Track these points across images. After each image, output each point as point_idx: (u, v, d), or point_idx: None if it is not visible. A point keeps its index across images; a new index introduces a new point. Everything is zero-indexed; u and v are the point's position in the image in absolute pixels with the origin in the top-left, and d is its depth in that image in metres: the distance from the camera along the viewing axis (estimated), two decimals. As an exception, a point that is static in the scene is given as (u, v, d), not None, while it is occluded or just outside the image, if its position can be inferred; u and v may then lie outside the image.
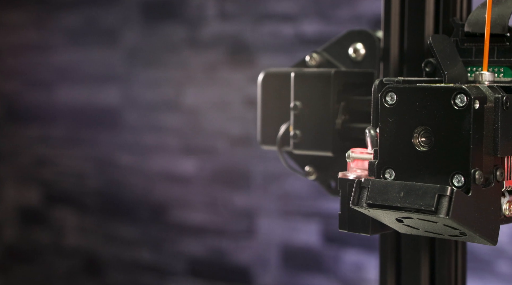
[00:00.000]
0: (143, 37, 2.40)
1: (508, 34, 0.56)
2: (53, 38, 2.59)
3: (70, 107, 2.57)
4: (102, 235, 2.52)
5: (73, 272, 2.60)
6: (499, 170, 0.52)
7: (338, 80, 0.64)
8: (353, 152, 0.56)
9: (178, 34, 2.31)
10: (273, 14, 2.13)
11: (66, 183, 2.59)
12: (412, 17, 0.66)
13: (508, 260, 1.78)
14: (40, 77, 2.64)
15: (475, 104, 0.50)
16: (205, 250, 2.33)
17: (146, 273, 2.45)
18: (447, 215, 0.49)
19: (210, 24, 2.26)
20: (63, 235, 2.62)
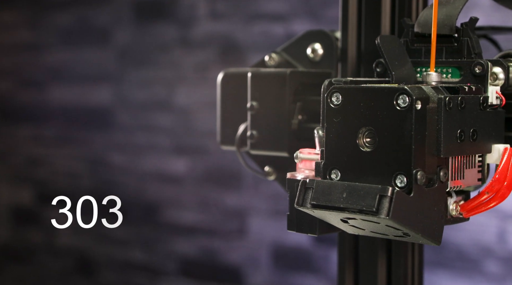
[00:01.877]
0: (134, 36, 2.40)
1: (456, 35, 0.56)
2: (45, 38, 2.60)
3: (63, 107, 2.58)
4: (94, 235, 2.52)
5: (65, 272, 2.60)
6: (443, 170, 0.52)
7: (293, 80, 0.64)
8: (301, 152, 0.56)
9: (170, 34, 2.32)
10: (264, 14, 2.13)
11: (59, 183, 2.59)
12: (368, 18, 0.66)
13: (497, 259, 1.78)
14: (33, 77, 2.64)
15: (417, 104, 0.50)
16: (196, 250, 2.33)
17: (138, 273, 2.45)
18: (387, 216, 0.49)
19: (201, 24, 2.26)
20: (56, 235, 2.62)
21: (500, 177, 0.53)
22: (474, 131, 0.53)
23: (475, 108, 0.53)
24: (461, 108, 0.52)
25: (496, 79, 0.55)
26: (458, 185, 0.54)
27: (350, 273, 0.67)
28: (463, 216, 0.55)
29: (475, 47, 0.55)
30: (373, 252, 0.66)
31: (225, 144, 0.69)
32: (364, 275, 0.66)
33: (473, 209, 0.54)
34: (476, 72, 0.55)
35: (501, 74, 0.55)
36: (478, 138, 0.54)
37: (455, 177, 0.53)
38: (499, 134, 0.55)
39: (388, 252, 0.66)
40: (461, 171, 0.54)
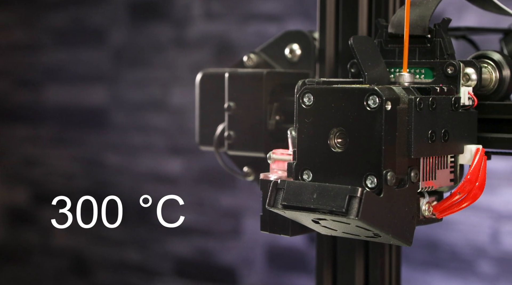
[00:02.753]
0: (129, 37, 2.40)
1: (429, 36, 0.56)
2: (40, 38, 2.60)
3: (58, 107, 2.58)
4: (89, 235, 2.52)
5: (61, 272, 2.60)
6: (414, 171, 0.52)
7: (270, 81, 0.64)
8: (274, 153, 0.56)
9: (165, 34, 2.32)
10: (259, 14, 2.13)
11: (54, 183, 2.59)
12: (346, 18, 0.66)
13: (490, 260, 1.78)
14: (28, 77, 2.64)
15: (387, 105, 0.50)
16: (191, 250, 2.33)
17: (133, 273, 2.45)
18: (356, 216, 0.49)
19: (196, 24, 2.26)
20: (51, 235, 2.62)
21: (471, 178, 0.53)
22: (446, 132, 0.53)
23: (447, 108, 0.53)
24: (432, 108, 0.52)
25: (468, 80, 0.55)
26: (430, 185, 0.54)
27: (328, 273, 0.67)
28: (435, 217, 0.55)
29: (448, 48, 0.55)
30: (351, 252, 0.66)
31: (204, 144, 0.70)
32: (342, 275, 0.66)
33: (445, 209, 0.54)
34: (448, 72, 0.55)
35: (474, 75, 0.55)
36: (450, 139, 0.54)
37: (427, 177, 0.53)
38: (471, 134, 0.55)
39: (365, 252, 0.66)
40: (433, 171, 0.54)
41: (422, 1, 0.56)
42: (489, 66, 0.56)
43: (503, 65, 0.56)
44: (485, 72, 0.56)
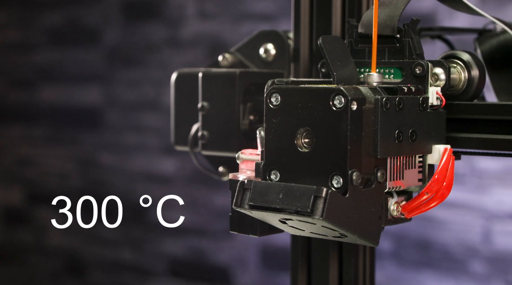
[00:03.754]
0: (123, 37, 2.40)
1: (398, 35, 0.56)
2: (35, 38, 2.60)
3: (52, 107, 2.58)
4: (84, 235, 2.52)
5: (55, 272, 2.60)
6: (380, 171, 0.52)
7: (243, 81, 0.64)
8: (243, 153, 0.56)
9: (158, 34, 2.32)
10: (252, 14, 2.13)
11: (49, 183, 2.59)
12: (320, 18, 0.66)
13: (482, 259, 1.78)
14: (22, 77, 2.64)
15: (353, 105, 0.50)
16: (185, 250, 2.33)
17: (127, 273, 2.45)
18: (321, 217, 0.49)
19: (190, 24, 2.26)
20: (46, 235, 2.62)
21: (439, 178, 0.53)
22: (413, 132, 0.53)
23: (414, 108, 0.53)
24: (399, 108, 0.52)
25: (437, 80, 0.55)
26: (398, 185, 0.54)
27: (303, 273, 0.67)
28: (404, 217, 0.55)
29: (417, 48, 0.55)
30: (325, 252, 0.66)
31: (179, 144, 0.69)
32: (316, 274, 0.66)
33: (414, 209, 0.54)
34: (417, 72, 0.55)
35: (442, 75, 0.55)
36: (418, 139, 0.54)
37: (395, 177, 0.53)
38: (440, 134, 0.55)
39: (339, 252, 0.66)
40: (401, 171, 0.54)
41: (391, 1, 0.56)
42: (458, 66, 0.56)
43: (472, 65, 0.56)
44: (454, 72, 0.56)
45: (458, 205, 1.81)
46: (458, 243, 1.82)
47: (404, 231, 1.89)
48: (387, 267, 1.93)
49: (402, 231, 1.90)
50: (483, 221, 1.78)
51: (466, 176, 1.80)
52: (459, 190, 1.81)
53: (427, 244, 1.87)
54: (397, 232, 1.91)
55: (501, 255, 1.76)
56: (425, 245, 1.87)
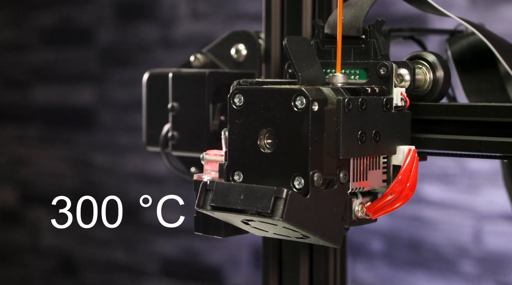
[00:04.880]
0: (116, 37, 2.40)
1: (363, 36, 0.56)
2: (28, 38, 2.60)
3: (46, 107, 2.58)
4: (77, 235, 2.52)
5: (48, 272, 2.61)
6: (343, 171, 0.52)
7: (213, 81, 0.64)
8: (207, 154, 0.56)
9: (151, 34, 2.32)
10: (245, 14, 2.13)
11: (42, 183, 2.59)
12: (291, 19, 0.66)
13: (472, 260, 1.78)
14: (16, 77, 2.64)
15: (314, 106, 0.50)
16: (178, 251, 2.33)
17: (120, 273, 2.45)
18: (281, 218, 0.49)
19: (183, 24, 2.26)
20: (39, 235, 2.62)
21: (402, 178, 0.53)
22: (377, 133, 0.53)
23: (378, 109, 0.53)
24: (362, 109, 0.52)
25: (402, 81, 0.55)
26: (361, 186, 0.54)
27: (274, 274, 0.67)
28: (369, 217, 0.55)
29: (382, 49, 0.55)
30: (296, 253, 0.66)
31: (150, 145, 0.69)
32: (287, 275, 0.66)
33: (378, 210, 0.54)
34: (381, 73, 0.55)
35: (407, 75, 0.55)
36: (381, 140, 0.54)
37: (358, 178, 0.53)
38: (404, 135, 0.55)
39: (310, 253, 0.66)
40: (364, 172, 0.53)
41: (357, 1, 0.56)
42: (424, 67, 0.56)
43: (437, 66, 0.56)
44: (420, 73, 0.56)
45: (449, 206, 1.81)
46: (448, 244, 1.82)
47: (395, 231, 1.89)
48: (378, 267, 1.93)
49: (393, 232, 1.90)
50: (474, 221, 1.78)
51: (457, 177, 1.80)
52: (449, 190, 1.81)
53: (418, 244, 1.87)
54: (388, 233, 1.91)
55: (491, 256, 1.76)
56: (416, 246, 1.87)
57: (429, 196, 1.84)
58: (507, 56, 0.59)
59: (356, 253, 1.96)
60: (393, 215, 1.89)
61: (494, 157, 0.53)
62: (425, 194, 1.84)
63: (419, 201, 1.85)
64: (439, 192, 1.83)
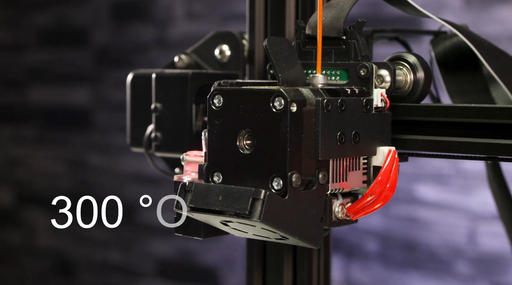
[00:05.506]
0: (112, 37, 2.40)
1: (344, 37, 0.56)
2: (24, 38, 2.60)
3: (42, 107, 2.58)
4: (73, 236, 2.52)
5: (44, 273, 2.60)
6: (322, 172, 0.52)
7: (196, 82, 0.64)
8: (187, 155, 0.55)
9: (147, 35, 2.32)
10: (240, 15, 2.13)
11: (38, 183, 2.59)
12: (274, 20, 0.66)
13: (467, 260, 1.78)
14: (12, 77, 2.64)
15: (292, 107, 0.50)
16: (173, 251, 2.33)
17: (116, 274, 2.45)
18: (259, 219, 0.49)
19: (178, 25, 2.26)
20: (35, 236, 2.62)
21: (382, 179, 0.53)
22: (357, 134, 0.53)
23: (358, 110, 0.53)
24: (341, 110, 0.52)
25: (383, 82, 0.55)
26: (341, 187, 0.53)
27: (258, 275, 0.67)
28: (350, 218, 0.55)
29: (362, 50, 0.55)
30: (280, 254, 0.66)
31: (135, 146, 0.69)
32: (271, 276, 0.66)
33: (359, 211, 0.54)
34: (361, 74, 0.55)
35: (388, 76, 0.55)
36: (361, 141, 0.53)
37: (338, 179, 0.53)
38: (384, 136, 0.55)
39: (294, 254, 0.66)
40: (344, 173, 0.53)
41: (338, 2, 0.56)
42: (404, 68, 0.56)
43: (418, 67, 0.56)
44: (400, 74, 0.56)
45: (443, 206, 1.81)
46: (443, 244, 1.82)
47: (390, 232, 1.89)
48: (373, 268, 1.93)
49: (388, 232, 1.90)
50: (468, 222, 1.78)
51: (451, 177, 1.80)
52: (444, 191, 1.81)
53: (412, 245, 1.87)
54: (383, 233, 1.91)
55: (485, 256, 1.76)
56: (410, 246, 1.87)
57: (424, 196, 1.84)
58: (489, 57, 0.59)
59: (351, 254, 1.96)
60: (388, 216, 1.89)
61: (475, 158, 0.53)
62: (420, 195, 1.84)
63: (413, 201, 1.85)
64: (434, 193, 1.83)
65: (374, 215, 1.92)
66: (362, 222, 1.96)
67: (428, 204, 1.84)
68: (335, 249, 1.98)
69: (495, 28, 1.73)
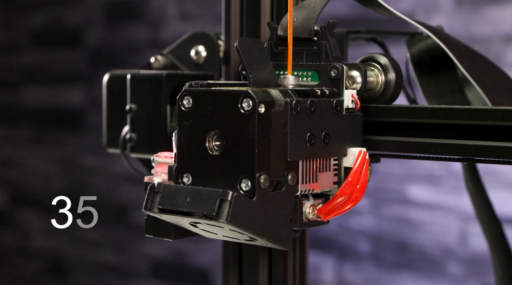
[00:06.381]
0: (106, 38, 2.40)
1: (315, 38, 0.56)
2: (18, 39, 2.60)
3: (35, 108, 2.58)
4: (67, 237, 2.52)
5: (38, 274, 2.60)
6: (291, 174, 0.52)
7: (170, 83, 0.64)
8: (158, 156, 0.55)
9: (140, 35, 2.32)
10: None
11: (32, 184, 2.59)
12: (250, 21, 0.66)
13: (458, 261, 1.78)
14: (5, 78, 2.64)
15: (260, 108, 0.50)
16: (167, 252, 2.33)
17: (109, 274, 2.45)
18: (226, 220, 0.49)
19: (171, 25, 2.26)
20: (29, 237, 2.62)
21: (352, 180, 0.53)
22: (327, 135, 0.53)
23: (328, 111, 0.53)
24: (311, 111, 0.52)
25: (354, 83, 0.55)
26: (311, 188, 0.53)
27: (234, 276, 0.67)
28: (321, 219, 0.55)
29: (333, 51, 0.55)
30: (255, 255, 0.66)
31: (111, 147, 0.69)
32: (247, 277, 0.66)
33: (330, 212, 0.54)
34: (332, 75, 0.55)
35: (359, 77, 0.55)
36: (331, 142, 0.53)
37: (308, 180, 0.53)
38: (356, 137, 0.55)
39: (269, 255, 0.66)
40: (314, 174, 0.53)
41: (310, 3, 0.56)
42: (376, 69, 0.56)
43: (389, 68, 0.55)
44: (372, 75, 0.56)
45: (435, 207, 1.81)
46: (435, 245, 1.82)
47: (382, 232, 1.89)
48: (365, 268, 1.93)
49: (380, 233, 1.90)
50: (460, 222, 1.78)
51: (443, 178, 1.80)
52: (435, 191, 1.80)
53: (404, 245, 1.87)
54: (375, 234, 1.91)
55: (477, 257, 1.76)
56: (402, 247, 1.87)
57: (416, 197, 1.84)
58: (463, 59, 0.59)
59: (344, 255, 1.96)
60: (380, 217, 1.89)
61: (444, 159, 0.53)
62: (412, 196, 1.84)
63: (405, 202, 1.85)
64: (425, 194, 1.82)
65: (366, 216, 1.92)
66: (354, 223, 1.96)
67: (420, 205, 1.84)
68: (327, 250, 1.98)
69: (487, 29, 1.72)
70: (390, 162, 1.84)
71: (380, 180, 1.88)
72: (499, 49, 1.71)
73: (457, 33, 1.75)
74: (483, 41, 1.73)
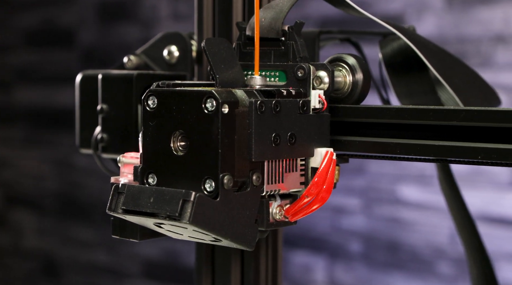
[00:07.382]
0: (98, 38, 2.40)
1: (283, 38, 0.55)
2: (11, 39, 2.59)
3: (29, 108, 2.57)
4: (59, 237, 2.52)
5: (31, 274, 2.60)
6: (255, 174, 0.51)
7: (141, 83, 0.64)
8: (124, 156, 0.55)
9: (133, 35, 2.32)
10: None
11: (25, 184, 2.59)
12: (222, 21, 0.66)
13: (449, 261, 1.78)
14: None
15: (224, 108, 0.50)
16: (159, 252, 2.32)
17: (102, 275, 2.45)
18: (188, 221, 0.48)
19: (163, 25, 2.26)
20: (22, 237, 2.62)
21: (319, 181, 0.53)
22: (293, 135, 0.53)
23: (294, 112, 0.53)
24: (276, 112, 0.52)
25: (321, 83, 0.55)
26: (278, 188, 0.53)
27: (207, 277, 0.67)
28: (289, 220, 0.55)
29: (301, 51, 0.55)
30: (228, 256, 0.66)
31: (84, 147, 0.69)
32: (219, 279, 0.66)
33: (296, 212, 0.54)
34: (299, 75, 0.54)
35: (326, 78, 0.55)
36: (298, 142, 0.53)
37: (273, 181, 0.53)
38: (323, 137, 0.55)
39: (241, 256, 0.66)
40: (280, 175, 0.53)
41: (277, 3, 0.56)
42: (344, 69, 0.56)
43: (357, 69, 0.55)
44: (339, 75, 0.56)
45: (426, 207, 1.81)
46: (426, 245, 1.82)
47: (373, 232, 1.89)
48: (356, 268, 1.93)
49: (371, 233, 1.90)
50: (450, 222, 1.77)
51: (434, 178, 1.80)
52: (426, 191, 1.80)
53: (395, 245, 1.86)
54: (366, 234, 1.90)
55: (467, 257, 1.75)
56: (393, 247, 1.87)
57: (406, 197, 1.84)
58: (434, 59, 0.59)
59: (335, 255, 1.96)
60: (371, 217, 1.89)
61: (410, 159, 0.53)
62: (402, 196, 1.84)
63: (396, 202, 1.85)
64: (416, 194, 1.82)
65: (358, 216, 1.91)
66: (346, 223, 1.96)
67: (411, 205, 1.84)
68: (319, 250, 1.98)
69: (477, 29, 1.72)
70: (381, 163, 1.84)
71: (371, 180, 1.88)
72: (489, 49, 1.70)
73: (447, 34, 1.75)
74: (473, 41, 1.72)
